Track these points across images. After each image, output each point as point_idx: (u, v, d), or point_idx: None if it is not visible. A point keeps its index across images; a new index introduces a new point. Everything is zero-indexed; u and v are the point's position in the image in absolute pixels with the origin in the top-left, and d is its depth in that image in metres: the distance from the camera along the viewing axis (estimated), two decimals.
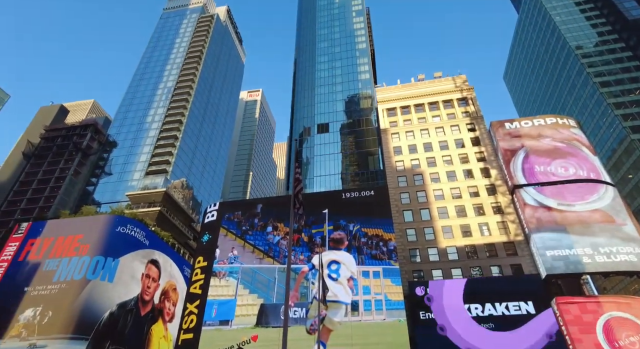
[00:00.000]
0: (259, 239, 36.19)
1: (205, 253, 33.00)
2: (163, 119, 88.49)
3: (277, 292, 32.40)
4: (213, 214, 36.37)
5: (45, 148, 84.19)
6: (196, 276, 31.77)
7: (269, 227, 37.07)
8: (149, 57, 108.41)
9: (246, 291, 32.98)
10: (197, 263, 32.39)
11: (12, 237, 37.49)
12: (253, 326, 30.14)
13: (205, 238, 33.84)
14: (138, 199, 70.50)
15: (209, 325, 30.56)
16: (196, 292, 30.14)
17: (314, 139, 78.21)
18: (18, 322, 31.41)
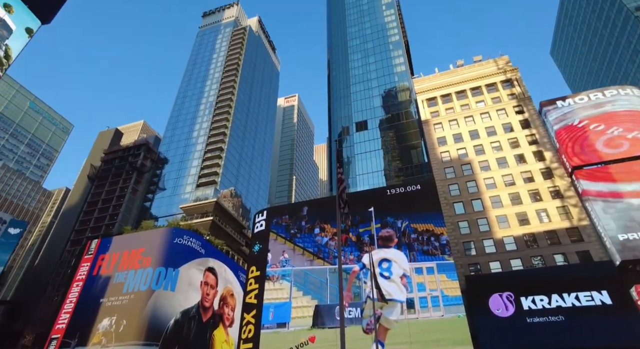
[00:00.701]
0: (308, 241, 36.56)
1: (258, 263, 33.21)
2: (208, 133, 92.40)
3: (330, 293, 32.49)
4: (262, 223, 36.61)
5: (106, 170, 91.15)
6: (250, 285, 32.04)
7: (316, 229, 37.33)
8: (189, 75, 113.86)
9: (300, 293, 33.41)
10: (250, 273, 32.88)
11: (84, 258, 40.79)
12: (309, 327, 30.43)
13: (256, 248, 34.24)
14: (191, 211, 74.11)
15: (267, 328, 31.31)
16: (252, 302, 30.48)
17: (353, 137, 77.80)
18: (98, 330, 34.20)
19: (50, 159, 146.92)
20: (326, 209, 37.11)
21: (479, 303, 31.76)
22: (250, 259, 34.83)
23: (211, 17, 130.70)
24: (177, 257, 38.79)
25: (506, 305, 31.15)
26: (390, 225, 32.91)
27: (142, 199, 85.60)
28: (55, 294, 67.03)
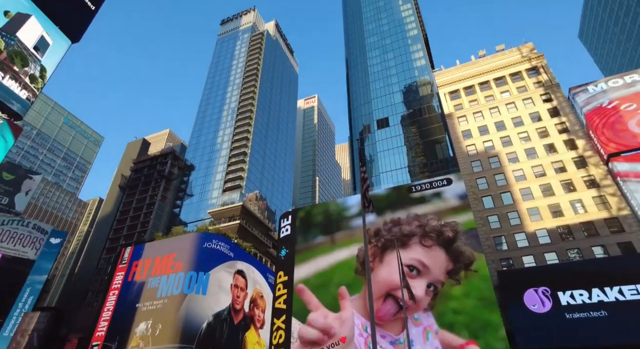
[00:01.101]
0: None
1: (285, 268, 32.84)
2: (231, 138, 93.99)
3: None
4: (287, 228, 36.10)
5: (136, 179, 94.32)
6: (279, 291, 31.74)
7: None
8: (211, 82, 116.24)
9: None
10: (278, 278, 32.72)
11: (118, 267, 42.27)
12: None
13: (283, 253, 33.87)
14: (219, 215, 75.56)
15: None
16: (281, 307, 30.18)
17: (374, 135, 77.12)
18: (135, 334, 35.41)
19: (84, 171, 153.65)
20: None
21: (513, 299, 30.71)
22: (277, 264, 34.64)
23: (229, 24, 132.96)
24: (207, 262, 39.64)
25: (542, 301, 29.96)
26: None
27: (172, 206, 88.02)
28: (94, 300, 69.93)
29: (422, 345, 22.85)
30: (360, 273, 27.82)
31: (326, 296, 28.10)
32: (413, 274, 25.01)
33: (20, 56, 39.25)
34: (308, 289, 29.01)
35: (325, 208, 38.25)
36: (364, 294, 26.31)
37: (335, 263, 30.88)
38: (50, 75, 43.28)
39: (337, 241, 32.24)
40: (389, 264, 26.25)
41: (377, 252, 27.52)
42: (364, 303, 25.89)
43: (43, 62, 42.30)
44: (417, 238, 26.82)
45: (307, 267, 31.63)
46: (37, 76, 41.31)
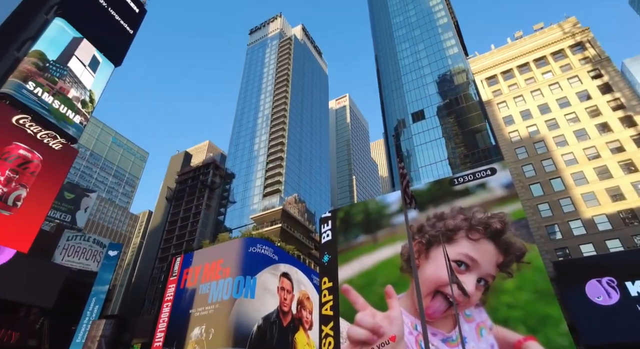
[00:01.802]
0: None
1: (329, 273, 32.43)
2: (267, 145, 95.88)
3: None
4: (328, 234, 35.54)
5: (181, 190, 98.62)
6: (325, 297, 31.42)
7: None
8: (244, 91, 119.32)
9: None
10: (323, 284, 32.41)
11: (169, 280, 44.17)
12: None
13: (326, 259, 33.40)
14: (261, 220, 77.23)
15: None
16: (328, 314, 29.78)
17: (410, 129, 75.50)
18: (191, 339, 36.95)
19: (133, 186, 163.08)
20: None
21: (573, 291, 28.77)
22: (321, 270, 34.37)
23: (257, 33, 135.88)
24: (253, 266, 40.59)
25: (608, 292, 27.84)
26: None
27: (216, 214, 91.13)
28: (151, 307, 73.83)
29: (476, 342, 21.96)
30: (406, 271, 27.25)
31: (372, 296, 27.77)
32: (461, 269, 24.12)
33: (72, 81, 42.41)
34: (353, 290, 28.84)
35: (365, 207, 37.86)
36: (411, 292, 25.74)
37: (379, 262, 30.43)
38: (98, 99, 46.47)
39: (379, 240, 31.78)
40: (435, 261, 25.50)
41: (421, 249, 26.84)
42: (412, 301, 25.31)
43: (92, 87, 45.43)
44: (463, 232, 25.85)
45: (350, 267, 31.45)
46: (87, 101, 44.43)
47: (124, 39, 52.93)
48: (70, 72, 42.37)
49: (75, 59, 43.50)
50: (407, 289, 26.56)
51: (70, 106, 41.83)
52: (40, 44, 40.22)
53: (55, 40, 41.76)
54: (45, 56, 39.91)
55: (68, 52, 42.81)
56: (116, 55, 50.50)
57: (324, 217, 36.46)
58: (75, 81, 42.64)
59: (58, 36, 41.93)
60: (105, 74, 48.02)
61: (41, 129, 37.67)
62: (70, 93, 41.66)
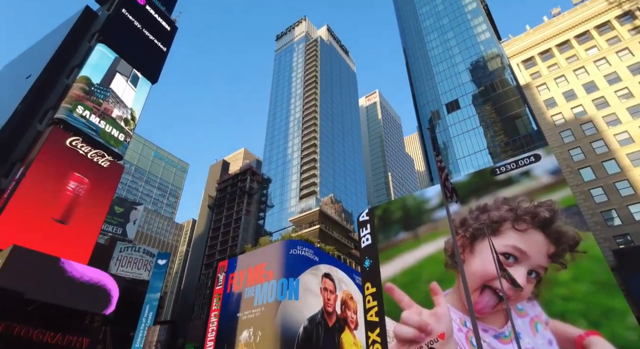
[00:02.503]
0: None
1: (371, 278, 31.59)
2: (300, 147, 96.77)
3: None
4: (367, 238, 34.26)
5: (221, 198, 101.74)
6: (369, 303, 30.65)
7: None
8: (275, 97, 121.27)
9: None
10: (366, 290, 31.66)
11: (215, 290, 45.44)
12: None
13: (367, 263, 32.54)
14: (299, 222, 77.98)
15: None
16: (374, 320, 29.07)
17: (445, 120, 73.29)
18: (240, 342, 37.91)
19: (176, 197, 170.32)
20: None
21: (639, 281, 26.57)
22: (363, 275, 33.62)
23: (283, 38, 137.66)
24: (295, 268, 41.03)
25: None
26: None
27: (256, 218, 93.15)
28: (200, 312, 76.62)
29: (531, 337, 20.81)
30: (451, 267, 26.39)
31: (417, 293, 27.13)
32: (509, 261, 22.99)
33: (115, 101, 45.03)
34: (397, 288, 28.31)
35: (403, 203, 37.09)
36: (458, 287, 24.88)
37: (422, 258, 29.67)
38: (138, 116, 49.04)
39: (420, 236, 31.00)
40: (481, 254, 24.49)
41: (466, 243, 25.89)
42: (459, 297, 24.46)
43: (132, 105, 48.00)
44: (508, 223, 24.65)
45: (392, 265, 30.90)
46: (129, 119, 47.01)
47: (158, 57, 55.57)
48: (113, 92, 44.98)
49: (117, 78, 46.16)
50: (453, 285, 25.71)
51: (115, 125, 44.41)
52: (85, 70, 43.00)
53: (98, 65, 44.49)
54: (90, 80, 42.61)
55: (110, 73, 45.55)
56: (152, 73, 53.11)
57: (362, 221, 35.48)
58: (118, 101, 45.23)
59: (100, 60, 44.69)
60: (143, 91, 50.59)
61: (91, 149, 40.27)
62: (113, 113, 44.19)
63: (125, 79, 47.44)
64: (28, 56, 61.70)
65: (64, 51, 49.04)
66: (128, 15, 51.49)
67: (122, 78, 46.93)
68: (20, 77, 51.46)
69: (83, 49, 48.46)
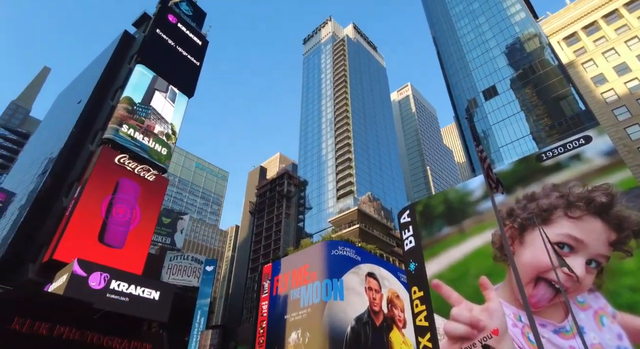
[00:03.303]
0: None
1: (418, 282, 30.38)
2: (335, 148, 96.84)
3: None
4: (410, 240, 32.85)
5: (261, 203, 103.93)
6: (417, 307, 29.52)
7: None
8: (305, 100, 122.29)
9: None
10: (413, 294, 30.51)
11: (262, 298, 46.33)
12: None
13: (412, 267, 31.32)
14: (339, 222, 77.94)
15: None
16: (423, 324, 27.90)
17: (483, 108, 70.39)
18: (289, 344, 38.45)
19: (219, 205, 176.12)
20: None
21: None
22: (409, 279, 32.57)
23: (310, 41, 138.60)
24: (338, 268, 41.04)
25: None
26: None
27: (296, 221, 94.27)
28: (249, 316, 78.58)
29: (597, 332, 19.37)
30: (500, 260, 25.19)
31: (465, 289, 26.15)
32: (565, 251, 21.57)
33: (157, 118, 47.39)
34: (445, 284, 27.45)
35: (445, 197, 35.91)
36: (509, 281, 23.71)
37: (469, 253, 28.55)
38: (179, 130, 51.28)
39: (466, 230, 29.83)
40: (532, 245, 23.17)
41: (514, 234, 24.61)
42: (511, 291, 23.29)
43: (172, 120, 50.21)
44: (560, 211, 23.13)
45: (438, 261, 29.99)
46: (170, 133, 49.24)
47: (192, 72, 57.80)
48: (154, 110, 47.32)
49: (157, 96, 48.53)
50: (503, 278, 24.55)
51: (158, 140, 46.73)
52: (127, 91, 45.60)
53: (138, 84, 47.00)
54: (132, 100, 45.11)
55: (150, 91, 48.00)
56: (188, 88, 55.34)
57: (404, 223, 34.05)
58: (159, 117, 47.54)
59: (140, 80, 47.20)
60: (181, 106, 52.81)
61: (137, 165, 42.60)
62: (155, 128, 46.46)
63: (164, 95, 49.75)
64: (78, 83, 66.50)
65: (108, 75, 52.38)
66: (162, 35, 54.01)
67: (160, 95, 49.22)
68: (73, 102, 55.56)
69: (124, 71, 51.48)
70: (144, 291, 28.24)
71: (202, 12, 65.46)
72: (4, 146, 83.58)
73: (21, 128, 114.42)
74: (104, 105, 48.90)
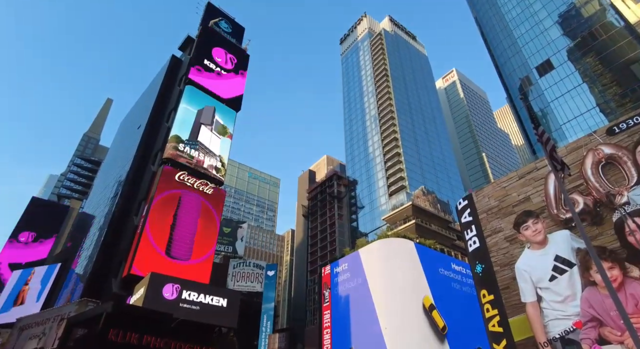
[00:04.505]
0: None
1: (486, 285, 27.84)
2: (382, 144, 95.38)
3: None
4: (474, 241, 29.63)
5: (313, 206, 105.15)
6: (488, 312, 26.88)
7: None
8: (347, 100, 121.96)
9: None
10: (482, 298, 27.97)
11: (323, 307, 46.20)
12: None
13: (479, 269, 28.52)
14: (393, 219, 76.50)
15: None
16: (497, 330, 25.40)
17: (538, 85, 65.43)
18: None
19: (273, 211, 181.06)
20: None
21: None
22: (476, 282, 30.28)
23: (347, 40, 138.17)
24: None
25: None
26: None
27: (349, 221, 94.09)
28: (313, 318, 79.64)
29: None
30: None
31: None
32: None
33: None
34: None
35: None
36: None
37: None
38: (227, 160, 52.76)
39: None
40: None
41: None
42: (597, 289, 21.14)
43: (220, 152, 51.37)
44: None
45: None
46: (220, 167, 50.62)
47: (237, 87, 59.90)
48: (201, 144, 48.96)
49: (203, 130, 50.14)
50: None
51: (214, 155, 48.97)
52: (174, 129, 47.39)
53: (185, 121, 49.01)
54: (180, 138, 47.11)
55: (195, 127, 49.72)
56: (236, 103, 57.50)
57: (465, 223, 31.37)
58: (207, 151, 49.16)
59: (185, 116, 49.30)
60: (231, 120, 54.91)
61: (196, 180, 45.05)
62: (205, 163, 48.14)
63: (210, 128, 51.37)
64: (136, 109, 72.01)
65: (161, 99, 56.08)
66: (205, 58, 56.52)
67: (206, 129, 50.83)
68: (133, 128, 60.18)
69: (175, 93, 54.79)
70: (213, 299, 29.63)
71: (241, 27, 67.79)
72: (82, 174, 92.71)
73: (94, 157, 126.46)
74: (160, 127, 52.32)
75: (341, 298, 43.62)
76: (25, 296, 44.31)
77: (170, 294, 28.08)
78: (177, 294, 28.22)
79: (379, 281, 38.90)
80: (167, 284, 28.19)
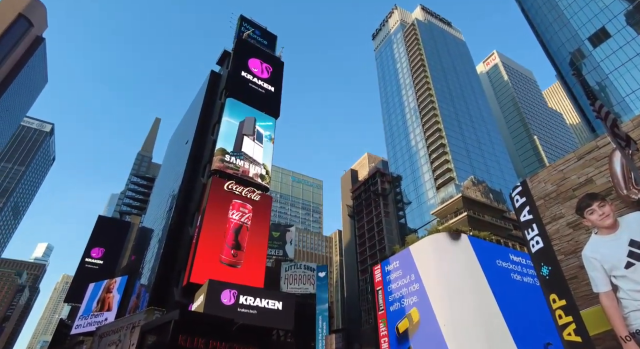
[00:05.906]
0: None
1: (555, 289, 25.50)
2: (424, 136, 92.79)
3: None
4: (537, 240, 27.26)
5: (358, 205, 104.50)
6: (561, 319, 24.81)
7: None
8: (385, 94, 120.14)
9: None
10: (552, 303, 25.99)
11: (379, 315, 45.43)
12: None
13: (545, 271, 26.20)
14: (443, 213, 73.99)
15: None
16: (574, 340, 23.19)
17: (593, 57, 60.39)
18: None
19: (319, 212, 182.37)
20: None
21: None
22: (543, 285, 28.04)
23: (379, 35, 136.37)
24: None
25: None
26: None
27: (396, 218, 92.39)
28: (368, 317, 78.99)
29: None
30: None
31: None
32: None
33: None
34: None
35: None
36: None
37: None
38: (270, 167, 53.97)
39: None
40: None
41: None
42: None
43: (263, 160, 52.51)
44: None
45: None
46: (264, 174, 51.81)
47: (274, 95, 61.14)
48: (245, 154, 50.44)
49: (246, 141, 51.67)
50: None
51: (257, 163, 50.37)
52: (219, 142, 49.23)
53: (228, 133, 50.70)
54: (225, 150, 48.80)
55: (239, 138, 51.34)
56: (274, 110, 58.66)
57: (526, 221, 28.75)
58: (251, 161, 50.54)
59: (228, 129, 51.01)
60: (271, 127, 56.12)
61: (243, 188, 46.50)
62: (250, 172, 49.50)
63: (252, 138, 52.83)
64: (182, 125, 75.84)
65: (205, 113, 58.61)
66: (242, 70, 58.08)
67: (249, 140, 52.37)
68: (182, 143, 63.40)
69: (217, 107, 57.00)
70: (269, 303, 30.40)
71: (273, 35, 69.14)
72: (139, 191, 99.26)
73: (148, 174, 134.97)
74: (206, 140, 54.66)
75: (395, 297, 42.94)
76: (111, 303, 48.39)
77: (228, 299, 29.16)
78: (234, 300, 29.25)
79: (433, 276, 37.69)
80: (224, 290, 29.32)
